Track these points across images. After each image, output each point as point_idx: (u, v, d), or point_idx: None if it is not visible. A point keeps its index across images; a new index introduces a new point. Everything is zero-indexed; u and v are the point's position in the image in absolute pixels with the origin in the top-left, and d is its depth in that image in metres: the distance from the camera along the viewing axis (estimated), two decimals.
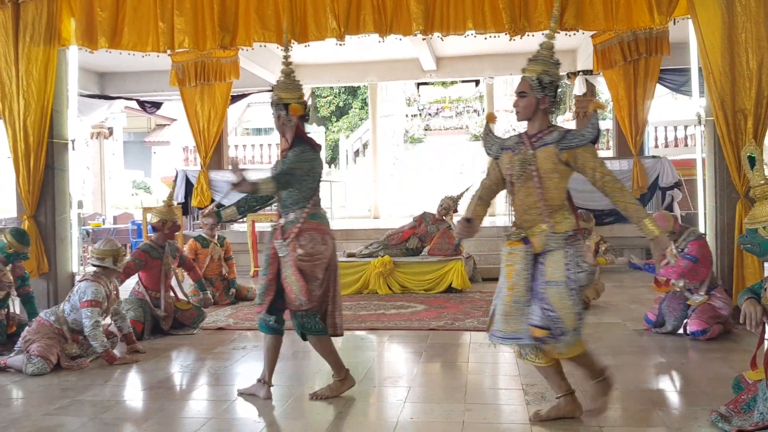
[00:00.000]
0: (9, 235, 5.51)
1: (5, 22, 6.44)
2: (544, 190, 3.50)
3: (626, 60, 9.39)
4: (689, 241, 5.53)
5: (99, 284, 5.12)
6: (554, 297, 3.39)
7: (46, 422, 3.80)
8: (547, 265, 3.45)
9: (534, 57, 3.68)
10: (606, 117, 21.42)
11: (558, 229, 3.47)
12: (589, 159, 3.45)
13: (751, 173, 3.60)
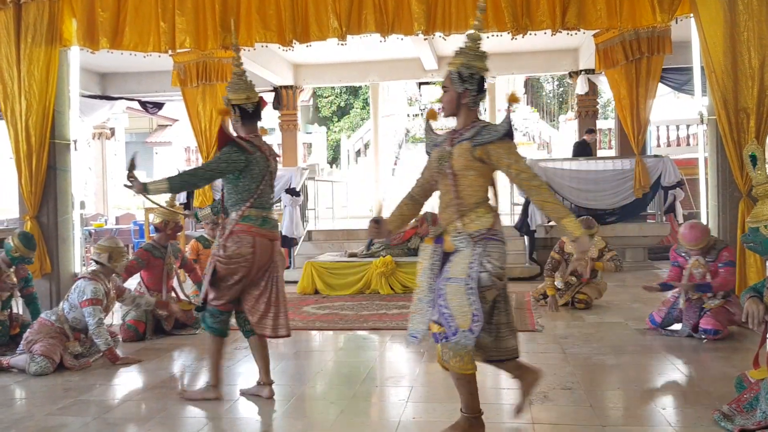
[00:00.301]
0: (17, 239, 5.55)
1: (7, 22, 6.45)
2: (457, 187, 3.37)
3: (628, 59, 9.37)
4: (720, 249, 5.43)
5: (97, 282, 5.15)
6: (450, 293, 3.23)
7: (49, 422, 3.80)
8: (452, 263, 3.31)
9: (458, 49, 3.50)
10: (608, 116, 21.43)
11: (469, 228, 3.31)
12: (503, 155, 3.28)
13: (754, 172, 3.60)
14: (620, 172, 9.96)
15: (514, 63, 13.24)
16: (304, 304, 7.71)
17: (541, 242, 9.86)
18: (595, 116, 13.31)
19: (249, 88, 4.31)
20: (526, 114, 22.71)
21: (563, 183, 9.93)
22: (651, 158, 10.04)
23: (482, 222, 3.31)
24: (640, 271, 9.72)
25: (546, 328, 6.05)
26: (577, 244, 3.27)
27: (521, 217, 9.71)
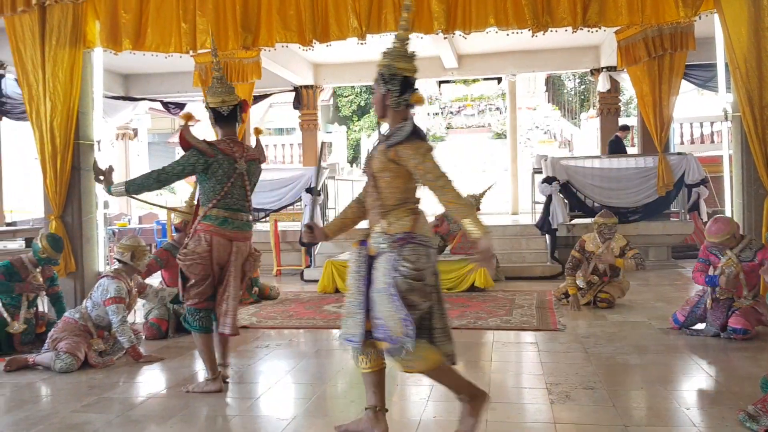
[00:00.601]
0: (44, 240, 5.65)
1: (32, 25, 6.53)
2: (377, 189, 3.36)
3: (651, 56, 9.27)
4: (757, 250, 5.35)
5: (120, 281, 5.22)
6: (379, 304, 3.23)
7: (73, 419, 3.85)
8: (376, 270, 3.30)
9: (385, 50, 3.40)
10: (631, 113, 21.23)
11: (389, 230, 3.28)
12: (410, 156, 3.22)
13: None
14: (643, 170, 9.87)
15: (535, 60, 13.17)
16: (325, 302, 7.73)
17: (563, 241, 9.80)
18: (617, 114, 13.20)
19: (226, 92, 4.42)
20: (547, 112, 22.56)
21: (585, 181, 9.87)
22: (674, 156, 9.94)
23: (402, 224, 3.27)
24: (664, 270, 9.62)
25: (568, 328, 6.01)
26: (479, 245, 3.11)
27: (542, 215, 9.66)
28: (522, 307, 7.02)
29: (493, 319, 6.47)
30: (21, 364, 5.00)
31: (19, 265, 5.64)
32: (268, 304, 7.77)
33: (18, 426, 3.77)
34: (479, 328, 6.13)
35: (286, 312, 7.17)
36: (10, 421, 3.87)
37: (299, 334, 6.20)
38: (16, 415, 3.97)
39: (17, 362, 5.00)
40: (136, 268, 5.44)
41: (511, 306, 7.13)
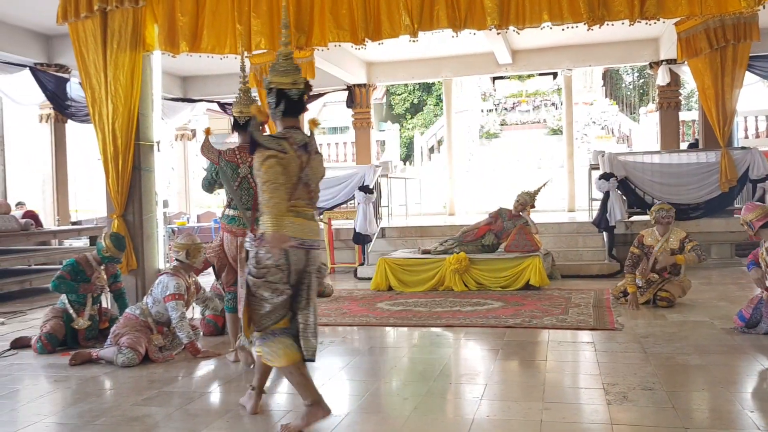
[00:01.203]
0: (108, 239, 5.88)
1: (94, 30, 6.72)
2: (256, 191, 3.78)
3: (712, 47, 8.98)
4: None
5: (179, 278, 5.36)
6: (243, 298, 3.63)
7: (134, 412, 3.97)
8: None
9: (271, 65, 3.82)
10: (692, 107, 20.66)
11: (258, 229, 3.60)
12: (255, 162, 3.56)
13: None
14: (705, 165, 9.58)
15: (591, 54, 12.93)
16: (378, 300, 7.76)
17: (621, 238, 9.61)
18: (677, 108, 12.85)
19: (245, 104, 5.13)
20: (604, 107, 22.14)
21: (645, 177, 9.65)
22: (738, 150, 9.62)
23: (264, 226, 3.50)
24: (727, 268, 9.34)
25: (626, 327, 5.89)
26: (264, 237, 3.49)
27: (599, 212, 9.48)
28: (578, 306, 6.91)
29: (548, 318, 6.39)
30: (85, 359, 5.17)
31: (84, 263, 5.84)
32: (322, 301, 7.83)
33: (82, 417, 3.90)
34: (534, 327, 6.06)
35: (340, 309, 7.22)
36: (75, 412, 4.01)
37: (353, 331, 6.23)
38: (80, 407, 4.11)
39: (81, 356, 5.18)
40: (192, 266, 5.58)
41: (567, 305, 7.02)
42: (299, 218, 3.64)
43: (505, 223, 8.80)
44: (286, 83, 3.69)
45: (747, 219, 5.53)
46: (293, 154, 3.62)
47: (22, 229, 9.40)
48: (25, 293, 8.92)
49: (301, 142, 3.70)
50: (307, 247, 3.66)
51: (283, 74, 3.71)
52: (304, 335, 3.62)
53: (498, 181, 17.01)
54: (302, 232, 3.63)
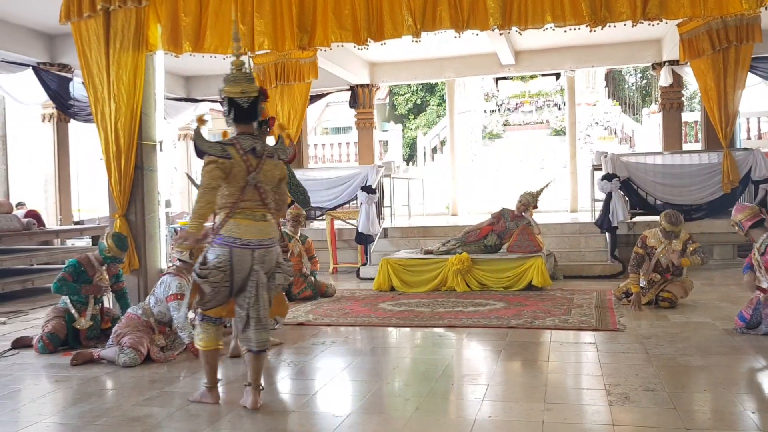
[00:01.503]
0: (110, 239, 5.88)
1: (97, 29, 6.72)
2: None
3: (715, 48, 8.98)
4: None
5: (181, 278, 5.35)
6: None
7: (135, 412, 3.97)
8: None
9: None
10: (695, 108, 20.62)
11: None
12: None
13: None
14: (707, 167, 9.57)
15: (594, 55, 12.93)
16: (381, 300, 7.75)
17: (623, 239, 9.60)
18: (680, 109, 12.83)
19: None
20: (607, 108, 22.12)
21: (647, 178, 9.63)
22: (740, 151, 9.61)
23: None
24: (729, 269, 9.32)
25: (628, 328, 5.88)
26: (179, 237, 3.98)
27: (602, 213, 9.47)
28: (581, 307, 6.90)
29: (550, 318, 6.38)
30: (86, 359, 5.17)
31: (86, 263, 5.84)
32: (324, 301, 7.84)
33: (83, 418, 3.90)
34: (536, 327, 6.06)
35: (342, 309, 7.22)
36: (76, 413, 4.01)
37: (355, 332, 6.23)
38: (81, 407, 4.11)
39: (83, 356, 5.18)
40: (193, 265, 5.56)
41: (570, 305, 7.01)
42: (246, 219, 3.93)
43: (508, 223, 8.80)
44: (236, 92, 3.99)
45: (736, 219, 5.67)
46: (239, 159, 3.90)
47: (24, 228, 9.41)
48: (27, 293, 8.93)
49: (248, 147, 3.96)
50: (252, 247, 3.92)
51: (233, 83, 4.02)
52: (256, 329, 3.95)
53: (501, 181, 17.00)
54: (247, 233, 3.91)
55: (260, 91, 4.07)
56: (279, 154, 4.12)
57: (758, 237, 5.54)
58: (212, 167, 3.84)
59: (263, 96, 4.09)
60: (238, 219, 3.91)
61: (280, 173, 4.12)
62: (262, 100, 4.09)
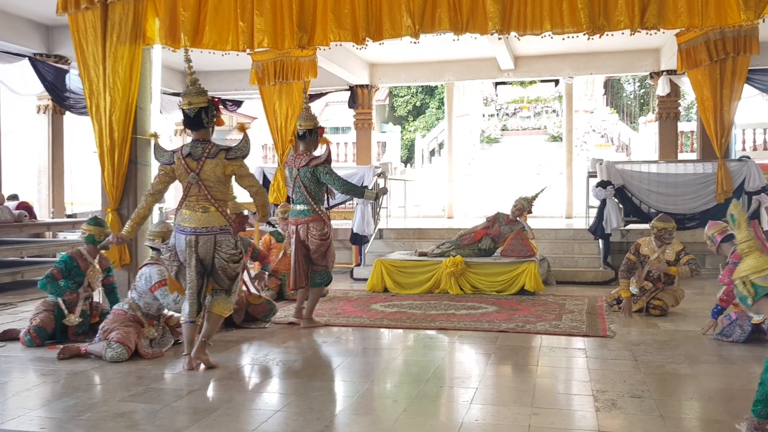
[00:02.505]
0: (89, 225, 5.89)
1: (94, 22, 6.70)
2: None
3: (712, 59, 8.99)
4: (733, 251, 5.56)
5: (160, 265, 5.31)
6: None
7: (121, 408, 3.94)
8: None
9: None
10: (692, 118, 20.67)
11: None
12: None
13: (736, 230, 3.45)
14: (702, 176, 9.58)
15: (593, 63, 12.93)
16: (373, 301, 7.74)
17: (617, 246, 9.60)
18: (676, 118, 12.85)
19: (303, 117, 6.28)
20: (604, 115, 22.16)
21: (642, 186, 9.64)
22: (735, 162, 9.62)
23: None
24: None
25: (618, 335, 5.88)
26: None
27: (596, 220, 9.48)
28: (572, 312, 6.90)
29: (541, 323, 6.38)
30: (73, 353, 5.14)
31: (78, 256, 5.82)
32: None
33: (68, 412, 3.88)
34: (527, 332, 6.05)
35: (334, 309, 7.20)
36: (61, 407, 3.98)
37: (346, 332, 6.22)
38: (67, 401, 4.08)
39: (70, 350, 5.15)
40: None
41: (561, 311, 7.01)
42: (188, 210, 4.70)
43: (502, 227, 8.80)
44: (184, 104, 4.76)
45: (708, 234, 5.96)
46: (179, 163, 4.71)
47: (16, 220, 9.37)
48: (17, 285, 8.89)
49: (186, 152, 4.70)
50: (187, 233, 4.66)
51: (184, 96, 4.78)
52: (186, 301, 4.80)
53: (497, 185, 17.01)
54: (185, 221, 4.69)
55: (209, 102, 4.77)
56: (230, 154, 4.70)
57: (728, 251, 5.74)
58: (159, 173, 4.83)
59: (212, 107, 4.78)
60: (183, 210, 4.72)
61: (226, 170, 4.70)
62: (212, 110, 4.77)
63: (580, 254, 9.81)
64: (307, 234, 6.07)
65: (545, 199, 9.57)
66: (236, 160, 4.72)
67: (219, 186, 4.69)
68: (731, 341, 5.53)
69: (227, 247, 4.72)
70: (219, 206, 4.69)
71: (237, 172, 4.73)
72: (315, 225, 6.07)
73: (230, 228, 4.73)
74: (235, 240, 4.79)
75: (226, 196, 4.75)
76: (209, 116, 4.76)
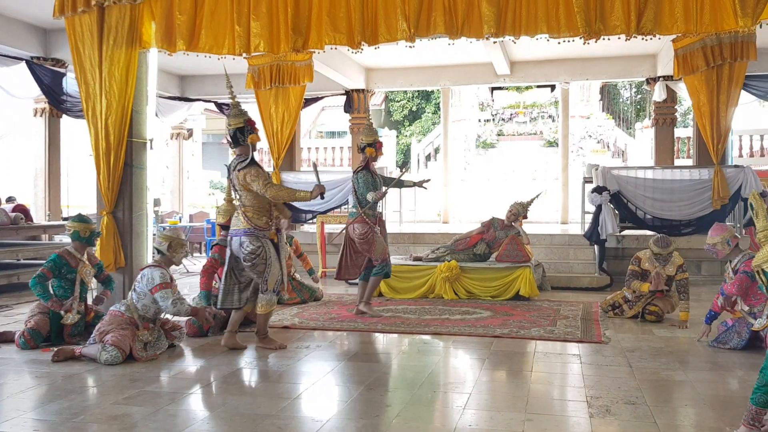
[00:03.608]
0: (73, 223, 5.89)
1: (90, 25, 6.69)
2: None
3: (709, 65, 9.02)
4: (744, 260, 5.46)
5: (163, 269, 5.34)
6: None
7: (114, 411, 3.93)
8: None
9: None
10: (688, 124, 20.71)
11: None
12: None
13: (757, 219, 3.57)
14: (698, 182, 9.59)
15: (589, 68, 12.96)
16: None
17: (612, 252, 9.62)
18: (673, 124, 12.88)
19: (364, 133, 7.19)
20: (601, 121, 22.18)
21: (637, 192, 9.65)
22: (731, 168, 9.64)
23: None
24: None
25: (613, 340, 5.88)
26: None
27: (591, 225, 9.47)
28: (567, 318, 6.90)
29: (536, 329, 6.38)
30: (68, 355, 5.13)
31: (67, 255, 5.82)
32: (311, 305, 7.81)
33: (61, 415, 3.87)
34: (522, 337, 6.05)
35: (329, 314, 7.19)
36: (54, 409, 3.97)
37: (341, 336, 6.21)
38: (60, 404, 4.07)
39: (64, 353, 5.14)
40: (171, 259, 5.54)
41: (556, 316, 7.01)
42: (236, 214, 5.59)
43: (497, 232, 8.80)
44: (226, 124, 5.55)
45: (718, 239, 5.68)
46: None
47: (12, 222, 9.35)
48: (13, 287, 8.87)
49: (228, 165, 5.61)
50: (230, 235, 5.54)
51: (227, 117, 5.55)
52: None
53: (492, 190, 17.02)
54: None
55: (245, 123, 5.41)
56: (239, 165, 5.37)
57: (734, 256, 5.67)
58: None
59: (248, 127, 5.41)
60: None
61: (242, 180, 5.34)
62: (247, 129, 5.40)
63: (576, 260, 9.82)
64: (354, 233, 7.01)
65: (541, 205, 9.58)
66: (242, 170, 5.32)
67: (245, 194, 5.39)
68: (728, 348, 5.52)
69: (246, 249, 5.37)
70: (245, 211, 5.39)
71: (247, 180, 5.31)
72: (358, 226, 6.98)
73: (254, 230, 5.37)
74: (256, 244, 5.38)
75: (253, 203, 5.39)
76: (245, 135, 5.40)
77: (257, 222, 5.39)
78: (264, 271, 5.45)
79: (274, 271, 5.49)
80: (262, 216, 5.42)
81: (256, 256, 5.39)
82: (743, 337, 5.47)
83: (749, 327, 5.42)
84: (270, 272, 5.46)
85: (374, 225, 7.03)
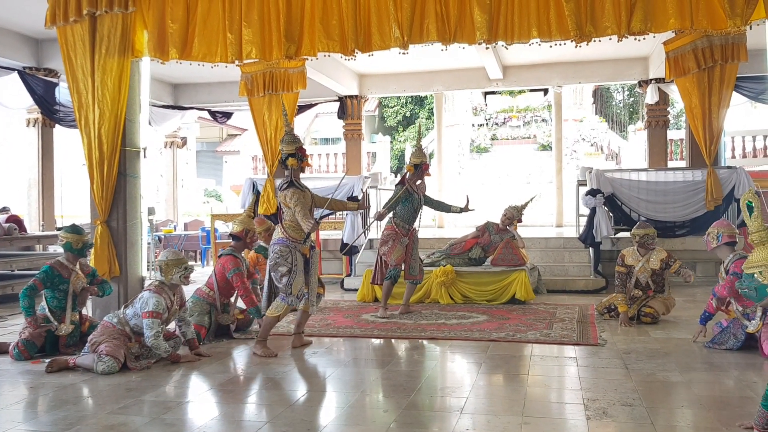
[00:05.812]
0: (66, 234, 5.85)
1: (83, 34, 6.69)
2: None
3: (700, 67, 9.06)
4: (734, 260, 5.51)
5: (160, 295, 5.25)
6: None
7: (110, 420, 3.92)
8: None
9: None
10: (681, 126, 20.80)
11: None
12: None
13: (749, 220, 3.70)
14: (691, 184, 9.63)
15: (582, 72, 13.02)
16: (364, 311, 7.72)
17: (607, 254, 9.63)
18: (665, 126, 12.94)
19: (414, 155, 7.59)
20: (594, 124, 22.26)
21: (631, 194, 9.68)
22: (724, 169, 9.68)
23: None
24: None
25: (609, 343, 5.89)
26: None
27: (586, 228, 9.50)
28: (563, 321, 6.91)
29: (532, 332, 6.38)
30: (62, 366, 5.10)
31: (59, 266, 5.78)
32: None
33: (57, 425, 3.85)
34: (518, 341, 6.05)
35: (325, 320, 7.18)
36: (50, 420, 3.96)
37: (337, 343, 6.20)
38: (55, 414, 4.05)
39: (58, 363, 5.11)
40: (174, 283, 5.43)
41: (552, 319, 7.02)
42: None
43: (492, 236, 8.81)
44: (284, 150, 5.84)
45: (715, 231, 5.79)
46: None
47: (6, 233, 9.32)
48: (7, 298, 8.82)
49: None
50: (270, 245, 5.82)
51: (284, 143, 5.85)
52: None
53: (487, 195, 17.02)
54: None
55: (296, 150, 5.74)
56: (282, 187, 5.72)
57: (725, 256, 5.72)
58: None
59: (299, 154, 5.74)
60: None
61: (281, 199, 5.70)
62: (298, 156, 5.74)
63: (571, 263, 9.83)
64: (383, 231, 7.59)
65: (535, 208, 9.60)
66: (282, 191, 5.69)
67: (286, 210, 5.72)
68: (725, 349, 5.54)
69: (275, 251, 5.67)
70: (285, 225, 5.72)
71: (286, 200, 5.65)
72: (387, 229, 7.53)
73: (287, 240, 5.64)
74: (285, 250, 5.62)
75: (292, 219, 5.66)
76: (297, 160, 5.75)
77: (292, 234, 5.66)
78: (286, 274, 5.62)
79: (298, 278, 5.63)
80: (298, 230, 5.65)
81: (280, 256, 5.61)
82: (739, 339, 5.49)
83: (744, 329, 5.43)
84: (295, 279, 5.61)
85: (402, 235, 7.40)
